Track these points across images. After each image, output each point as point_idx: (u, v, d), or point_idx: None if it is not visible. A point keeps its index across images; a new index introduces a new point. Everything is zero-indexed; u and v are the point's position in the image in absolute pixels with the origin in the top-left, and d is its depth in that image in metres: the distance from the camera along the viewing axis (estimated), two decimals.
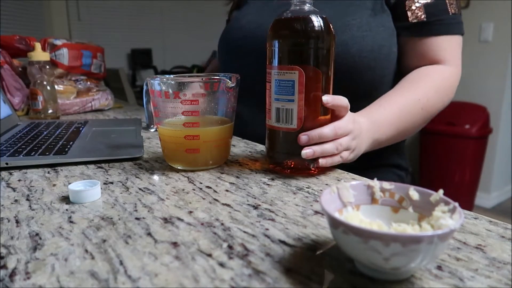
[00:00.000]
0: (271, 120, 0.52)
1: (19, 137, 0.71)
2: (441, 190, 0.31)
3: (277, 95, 0.51)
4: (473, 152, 2.42)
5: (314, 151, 0.49)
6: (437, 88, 0.67)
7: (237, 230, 0.37)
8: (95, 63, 1.15)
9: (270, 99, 0.52)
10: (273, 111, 0.51)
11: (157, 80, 0.53)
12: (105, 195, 0.46)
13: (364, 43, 0.67)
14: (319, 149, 0.50)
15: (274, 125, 0.52)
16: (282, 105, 0.50)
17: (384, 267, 0.27)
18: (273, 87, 0.51)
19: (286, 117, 0.50)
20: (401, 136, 0.66)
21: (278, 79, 0.50)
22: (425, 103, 0.65)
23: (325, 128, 0.50)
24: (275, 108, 0.51)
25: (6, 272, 0.30)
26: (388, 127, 0.61)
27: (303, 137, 0.49)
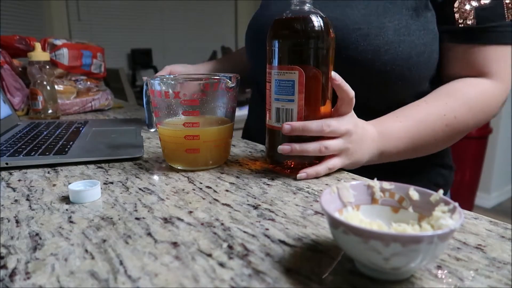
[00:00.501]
0: (271, 120, 0.52)
1: (19, 137, 0.71)
2: (441, 190, 0.31)
3: (277, 95, 0.50)
4: (473, 152, 2.42)
5: (291, 148, 0.47)
6: (472, 104, 0.59)
7: (237, 230, 0.37)
8: (95, 63, 1.15)
9: (270, 99, 0.52)
10: (273, 111, 0.51)
11: (157, 80, 0.53)
12: (105, 195, 0.46)
13: (400, 49, 0.58)
14: (299, 147, 0.48)
15: (274, 125, 0.52)
16: (282, 105, 0.50)
17: (384, 267, 0.27)
18: (273, 87, 0.51)
19: (286, 117, 0.50)
20: (420, 152, 0.61)
21: (278, 79, 0.50)
22: (451, 120, 0.58)
23: (312, 122, 0.48)
24: (275, 108, 0.51)
25: (6, 272, 0.30)
26: (400, 141, 0.56)
27: (286, 126, 0.48)
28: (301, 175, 0.49)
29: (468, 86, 0.60)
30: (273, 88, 0.51)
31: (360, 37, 0.56)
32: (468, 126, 0.60)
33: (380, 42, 0.58)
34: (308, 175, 0.49)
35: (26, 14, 2.92)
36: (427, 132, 0.58)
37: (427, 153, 0.63)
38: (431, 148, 0.61)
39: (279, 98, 0.50)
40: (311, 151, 0.48)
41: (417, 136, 0.57)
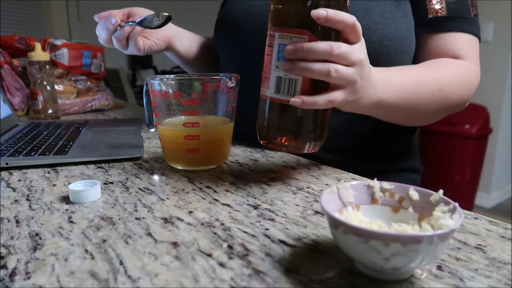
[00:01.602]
0: (269, 90, 0.45)
1: (19, 137, 0.71)
2: (441, 190, 0.31)
3: (279, 61, 0.43)
4: (473, 152, 2.42)
5: (291, 66, 0.41)
6: (459, 78, 0.62)
7: (237, 230, 0.37)
8: (95, 63, 1.15)
9: (269, 65, 0.44)
10: (273, 80, 0.44)
11: (157, 80, 0.53)
12: (105, 195, 0.46)
13: (386, 30, 0.61)
14: (300, 67, 0.41)
15: (272, 96, 0.45)
16: (285, 74, 0.43)
17: (384, 267, 0.27)
18: (275, 52, 0.44)
19: (289, 88, 0.43)
20: (409, 114, 0.59)
21: (283, 43, 0.42)
22: (444, 86, 0.59)
23: (317, 43, 0.41)
24: (275, 76, 0.44)
25: (6, 272, 0.30)
26: (399, 93, 0.54)
27: (289, 47, 0.41)
28: (296, 100, 0.42)
29: (455, 62, 0.64)
30: (274, 54, 0.44)
31: None
32: (454, 99, 0.61)
33: (368, 21, 0.61)
34: (304, 102, 0.42)
35: (26, 14, 2.92)
36: (422, 92, 0.57)
37: (414, 121, 0.64)
38: (421, 112, 0.60)
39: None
40: (317, 70, 0.41)
41: (413, 94, 0.56)
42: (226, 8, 0.77)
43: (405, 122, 0.64)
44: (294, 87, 0.43)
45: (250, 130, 0.69)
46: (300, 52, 0.41)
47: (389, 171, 0.71)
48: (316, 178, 0.53)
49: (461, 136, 2.40)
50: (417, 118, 0.62)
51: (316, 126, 0.46)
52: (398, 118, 0.60)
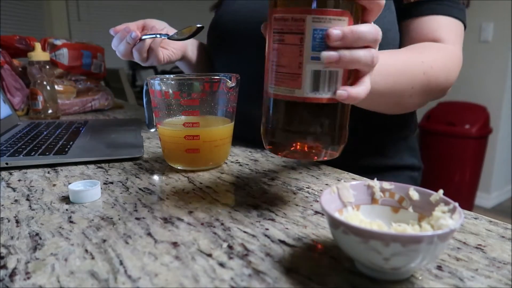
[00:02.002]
0: (302, 90, 0.35)
1: (19, 137, 0.71)
2: (441, 190, 0.31)
3: (316, 52, 0.34)
4: (473, 152, 2.42)
5: (340, 56, 0.34)
6: (443, 62, 0.60)
7: (237, 230, 0.37)
8: (95, 63, 1.15)
9: (300, 58, 0.35)
10: (308, 76, 0.35)
11: (157, 80, 0.53)
12: (105, 195, 0.46)
13: None
14: (349, 54, 0.35)
15: (308, 96, 0.35)
16: (324, 67, 0.35)
17: (384, 267, 0.27)
18: (308, 41, 0.34)
19: (329, 84, 0.35)
20: (395, 99, 0.57)
21: (320, 28, 0.34)
22: (428, 69, 0.57)
23: (363, 26, 0.35)
24: (312, 71, 0.35)
25: (6, 272, 0.30)
26: (387, 79, 0.52)
27: (335, 31, 0.34)
28: (342, 93, 0.35)
29: (439, 46, 0.62)
30: (308, 42, 0.34)
31: None
32: (437, 83, 0.59)
33: None
34: (349, 95, 0.36)
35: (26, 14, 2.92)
36: (407, 76, 0.55)
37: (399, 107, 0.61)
38: (407, 97, 0.57)
39: (318, 57, 0.34)
40: (363, 59, 0.36)
41: (398, 78, 0.54)
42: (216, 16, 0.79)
43: (390, 110, 0.62)
44: (335, 81, 0.35)
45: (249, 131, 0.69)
46: (348, 37, 0.34)
47: (390, 169, 0.71)
48: (316, 178, 0.53)
49: (461, 136, 2.40)
50: (401, 104, 0.59)
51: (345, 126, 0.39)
52: (384, 104, 0.58)
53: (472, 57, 2.48)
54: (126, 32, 0.66)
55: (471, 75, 2.50)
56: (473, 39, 2.48)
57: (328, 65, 0.35)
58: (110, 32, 0.69)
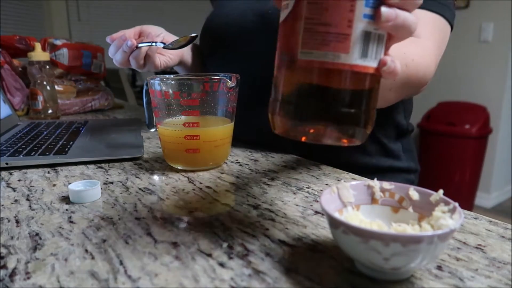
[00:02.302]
0: (351, 55, 0.29)
1: (19, 137, 0.71)
2: (441, 190, 0.31)
3: (371, 8, 0.29)
4: (473, 152, 2.42)
5: (397, 15, 0.30)
6: (422, 55, 0.56)
7: (237, 230, 0.37)
8: (95, 63, 1.15)
9: (351, 15, 0.29)
10: (358, 38, 0.29)
11: (157, 80, 0.53)
12: (105, 195, 0.46)
13: None
14: (403, 15, 0.30)
15: (357, 63, 0.29)
16: (374, 29, 0.30)
17: (384, 267, 0.27)
18: (361, 5, 0.29)
19: (377, 50, 0.30)
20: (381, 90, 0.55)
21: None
22: (410, 62, 0.53)
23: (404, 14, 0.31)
24: (362, 32, 0.29)
25: (6, 272, 0.30)
26: None
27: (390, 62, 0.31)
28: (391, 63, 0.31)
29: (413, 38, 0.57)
30: (362, 7, 0.29)
31: None
32: (418, 77, 0.56)
33: None
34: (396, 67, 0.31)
35: (26, 14, 2.92)
36: None
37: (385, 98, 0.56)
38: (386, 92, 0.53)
39: (371, 16, 0.29)
40: (412, 24, 0.32)
41: None
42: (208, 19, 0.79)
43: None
44: (381, 48, 0.31)
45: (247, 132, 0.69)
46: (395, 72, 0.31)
47: (385, 171, 0.71)
48: (316, 178, 0.53)
49: (461, 136, 2.40)
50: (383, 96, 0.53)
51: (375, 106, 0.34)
52: None
53: (472, 57, 2.48)
54: (122, 40, 0.66)
55: (471, 75, 2.51)
56: (473, 39, 2.48)
57: (382, 25, 0.29)
58: (107, 40, 0.69)
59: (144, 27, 0.73)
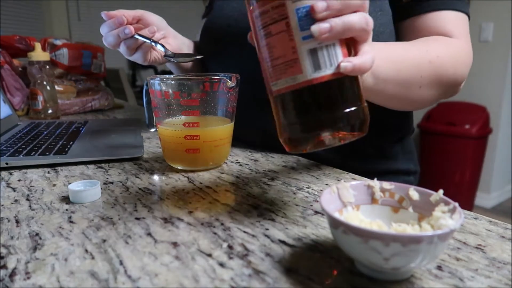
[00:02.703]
0: (304, 74, 0.33)
1: (19, 137, 0.71)
2: (441, 190, 0.31)
3: (306, 30, 0.33)
4: (473, 152, 2.42)
5: (331, 25, 0.33)
6: (450, 53, 0.57)
7: (237, 230, 0.37)
8: (95, 63, 1.15)
9: (292, 42, 0.33)
10: (305, 57, 0.33)
11: (157, 80, 0.53)
12: (105, 195, 0.46)
13: None
14: (340, 20, 0.33)
15: (314, 77, 0.33)
16: (319, 43, 0.33)
17: (384, 267, 0.27)
18: (295, 22, 0.33)
19: (330, 59, 0.33)
20: (403, 89, 0.54)
21: (301, 6, 0.33)
22: (434, 58, 0.54)
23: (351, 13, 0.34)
24: (307, 51, 0.33)
25: (6, 272, 0.30)
26: (390, 65, 0.50)
27: (319, 2, 0.33)
28: (347, 64, 0.34)
29: (441, 37, 0.60)
30: (295, 24, 0.33)
31: None
32: (447, 75, 0.57)
33: None
34: (355, 65, 0.34)
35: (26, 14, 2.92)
36: (413, 63, 0.53)
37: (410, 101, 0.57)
38: (416, 89, 0.55)
39: (310, 36, 0.33)
40: (357, 22, 0.34)
41: (403, 66, 0.52)
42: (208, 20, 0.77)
43: (402, 104, 0.59)
44: (335, 55, 0.34)
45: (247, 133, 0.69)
46: (335, 5, 0.33)
47: (384, 173, 0.70)
48: (316, 178, 0.53)
49: (461, 136, 2.40)
50: (412, 96, 0.56)
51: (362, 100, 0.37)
52: (393, 96, 0.54)
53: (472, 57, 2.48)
54: (119, 23, 0.62)
55: (471, 75, 2.49)
56: (473, 39, 2.45)
57: (322, 39, 0.33)
58: (102, 15, 0.65)
59: (145, 15, 0.69)
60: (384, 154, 0.71)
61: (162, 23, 0.71)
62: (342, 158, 0.66)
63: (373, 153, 0.70)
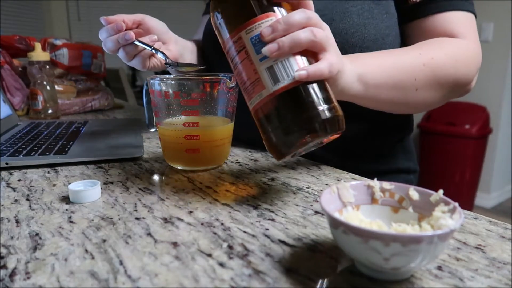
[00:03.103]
0: (267, 88, 0.39)
1: (19, 137, 0.71)
2: (441, 190, 0.31)
3: (261, 53, 0.39)
4: (473, 152, 2.42)
5: (279, 44, 0.38)
6: (449, 53, 0.57)
7: (237, 230, 0.37)
8: (95, 63, 1.15)
9: (253, 66, 0.39)
10: (265, 75, 0.39)
11: (157, 80, 0.53)
12: (105, 195, 0.46)
13: (366, 31, 0.59)
14: (286, 38, 0.38)
15: (274, 90, 0.38)
16: (274, 61, 0.38)
17: (384, 267, 0.27)
18: (251, 50, 0.39)
19: (286, 71, 0.38)
20: (398, 93, 0.54)
21: (254, 35, 0.39)
22: (428, 60, 0.55)
23: (293, 13, 0.39)
24: (265, 69, 0.39)
25: (6, 272, 0.30)
26: (377, 69, 0.51)
27: (265, 28, 0.38)
28: (301, 72, 0.38)
29: (445, 39, 0.59)
30: (251, 51, 0.39)
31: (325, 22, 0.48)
32: (446, 76, 0.56)
33: (346, 25, 0.59)
34: (309, 72, 0.38)
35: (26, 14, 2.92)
36: (404, 68, 0.53)
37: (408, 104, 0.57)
38: (412, 92, 0.55)
39: (265, 56, 0.39)
40: (303, 38, 0.38)
41: (395, 71, 0.52)
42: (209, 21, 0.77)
43: (400, 108, 0.59)
44: (290, 68, 0.38)
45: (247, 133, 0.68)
46: (279, 27, 0.38)
47: (383, 172, 0.70)
48: (316, 178, 0.53)
49: (461, 136, 2.40)
50: (410, 99, 0.56)
51: (330, 99, 0.40)
52: (389, 101, 0.55)
53: None
54: (119, 29, 0.61)
55: None
56: None
57: (274, 56, 0.38)
58: (101, 20, 0.63)
59: (145, 19, 0.67)
60: (385, 154, 0.71)
61: (163, 28, 0.69)
62: (342, 158, 0.66)
63: (374, 153, 0.70)
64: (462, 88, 0.61)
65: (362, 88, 0.50)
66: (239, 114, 0.59)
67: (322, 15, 0.59)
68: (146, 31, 0.67)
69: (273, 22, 0.39)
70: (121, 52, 0.64)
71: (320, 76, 0.39)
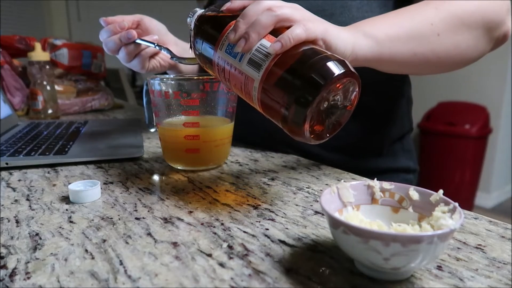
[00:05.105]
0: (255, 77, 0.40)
1: (19, 137, 0.71)
2: (441, 190, 0.31)
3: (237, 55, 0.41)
4: (473, 152, 2.42)
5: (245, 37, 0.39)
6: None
7: (237, 230, 0.37)
8: (95, 63, 1.15)
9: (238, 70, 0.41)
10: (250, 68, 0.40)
11: (157, 80, 0.53)
12: (105, 195, 0.46)
13: None
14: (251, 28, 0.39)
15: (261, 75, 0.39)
16: (250, 54, 0.40)
17: (384, 267, 0.27)
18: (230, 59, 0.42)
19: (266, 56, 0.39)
20: (417, 42, 0.48)
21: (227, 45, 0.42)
22: (439, 5, 0.50)
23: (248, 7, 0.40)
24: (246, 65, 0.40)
25: (6, 272, 0.30)
26: (386, 22, 0.47)
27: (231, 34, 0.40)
28: (275, 45, 0.37)
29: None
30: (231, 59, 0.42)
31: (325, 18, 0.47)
32: (470, 11, 0.50)
33: (346, 18, 0.59)
34: (283, 40, 0.37)
35: (26, 14, 2.92)
36: (413, 16, 0.49)
37: (436, 51, 0.50)
38: (435, 38, 0.49)
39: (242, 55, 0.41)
40: (263, 19, 0.39)
41: (403, 20, 0.48)
42: None
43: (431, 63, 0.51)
44: (265, 48, 0.39)
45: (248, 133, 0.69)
46: (240, 24, 0.40)
47: (384, 171, 0.70)
48: (316, 178, 0.53)
49: (461, 136, 2.40)
50: (437, 49, 0.50)
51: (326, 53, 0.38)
52: (412, 55, 0.49)
53: None
54: (120, 28, 0.61)
55: (471, 75, 2.50)
56: None
57: (246, 49, 0.39)
58: (101, 22, 0.63)
59: (144, 20, 0.67)
60: (385, 153, 0.71)
61: (162, 29, 0.69)
62: (343, 157, 0.66)
63: (374, 152, 0.70)
64: (497, 27, 0.53)
65: (373, 43, 0.45)
66: (240, 114, 0.59)
67: (322, 10, 0.59)
68: (145, 31, 0.67)
69: (233, 25, 0.41)
70: (122, 52, 0.63)
71: (296, 38, 0.37)
